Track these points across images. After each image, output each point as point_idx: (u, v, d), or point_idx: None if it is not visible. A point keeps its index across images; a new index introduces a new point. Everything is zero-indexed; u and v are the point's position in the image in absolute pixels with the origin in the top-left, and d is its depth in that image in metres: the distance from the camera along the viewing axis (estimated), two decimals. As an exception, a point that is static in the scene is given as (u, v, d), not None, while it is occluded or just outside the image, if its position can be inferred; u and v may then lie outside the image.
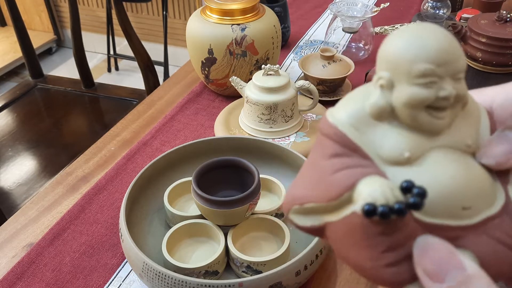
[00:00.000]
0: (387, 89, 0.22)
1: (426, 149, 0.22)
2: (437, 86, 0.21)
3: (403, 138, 0.22)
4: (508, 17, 0.81)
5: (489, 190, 0.22)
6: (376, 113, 0.22)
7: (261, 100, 0.73)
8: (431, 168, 0.22)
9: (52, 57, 2.85)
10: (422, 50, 0.21)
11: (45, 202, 0.69)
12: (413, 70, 0.21)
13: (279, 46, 0.88)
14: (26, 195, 1.12)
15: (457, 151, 0.22)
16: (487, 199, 0.22)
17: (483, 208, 0.22)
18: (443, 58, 0.21)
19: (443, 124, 0.22)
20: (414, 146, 0.22)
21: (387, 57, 0.22)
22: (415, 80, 0.21)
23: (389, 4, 1.05)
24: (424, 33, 0.21)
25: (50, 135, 1.33)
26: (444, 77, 0.21)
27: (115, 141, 0.81)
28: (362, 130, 0.22)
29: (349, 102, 0.23)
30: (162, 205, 0.61)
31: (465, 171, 0.22)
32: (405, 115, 0.22)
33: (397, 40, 0.22)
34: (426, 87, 0.21)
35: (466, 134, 0.23)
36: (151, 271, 0.48)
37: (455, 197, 0.21)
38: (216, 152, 0.65)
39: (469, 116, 0.23)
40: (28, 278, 0.57)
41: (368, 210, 0.20)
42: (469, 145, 0.23)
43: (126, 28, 1.33)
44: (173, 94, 0.94)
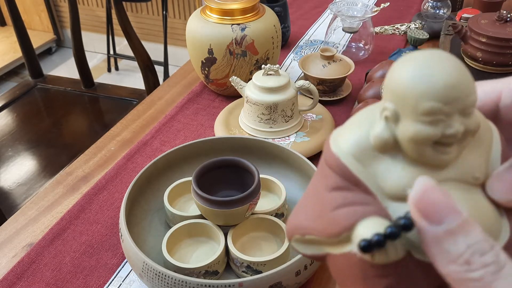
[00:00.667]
0: (392, 121, 0.21)
1: None
2: (444, 123, 0.20)
3: (406, 173, 0.21)
4: (508, 17, 0.81)
5: (493, 227, 0.22)
6: (380, 145, 0.21)
7: (261, 100, 0.73)
8: None
9: (52, 57, 2.85)
10: (429, 87, 0.20)
11: (45, 202, 0.69)
12: (420, 107, 0.20)
13: (279, 46, 0.88)
14: (26, 195, 1.12)
15: (464, 184, 0.22)
16: (491, 235, 0.21)
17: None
18: (451, 95, 0.20)
19: (449, 158, 0.21)
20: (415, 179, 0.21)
21: (393, 88, 0.21)
22: (421, 117, 0.20)
23: (389, 4, 1.05)
24: (433, 66, 0.20)
25: (50, 135, 1.33)
26: (452, 114, 0.20)
27: (115, 141, 0.81)
28: (365, 163, 0.22)
29: (353, 129, 0.22)
30: (162, 205, 0.61)
31: (469, 208, 0.21)
32: (410, 150, 0.21)
33: (404, 72, 0.20)
34: (432, 125, 0.20)
35: (475, 165, 0.22)
36: (151, 271, 0.48)
37: None
38: (216, 152, 0.65)
39: (479, 144, 0.22)
40: (28, 278, 0.57)
41: (364, 246, 0.19)
42: (477, 177, 0.22)
43: (126, 28, 1.33)
44: (173, 94, 0.94)
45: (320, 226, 0.22)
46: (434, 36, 1.07)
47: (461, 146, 0.21)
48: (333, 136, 0.23)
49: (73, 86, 1.52)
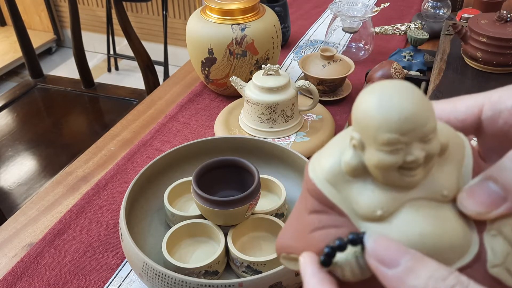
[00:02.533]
0: (359, 149, 0.23)
1: (400, 204, 0.23)
2: (404, 151, 0.21)
3: (376, 196, 0.22)
4: (509, 17, 0.81)
5: (461, 242, 0.23)
6: (350, 171, 0.23)
7: (261, 100, 0.73)
8: (400, 225, 0.22)
9: (52, 57, 2.85)
10: (386, 120, 0.21)
11: (45, 202, 0.69)
12: (379, 138, 0.21)
13: (279, 46, 0.88)
14: (26, 195, 1.12)
15: (433, 202, 0.23)
16: (458, 251, 0.23)
17: (454, 260, 0.22)
18: (406, 127, 0.21)
19: (415, 181, 0.22)
20: (386, 203, 0.22)
21: (357, 118, 0.22)
22: (381, 147, 0.21)
23: (389, 4, 1.05)
24: (391, 99, 0.21)
25: (50, 135, 1.33)
26: (410, 142, 0.21)
27: (115, 141, 0.81)
28: (339, 187, 0.23)
29: (327, 156, 0.24)
30: (162, 205, 0.61)
31: (436, 226, 0.22)
32: (377, 175, 0.22)
33: (365, 104, 0.22)
34: (393, 154, 0.21)
35: (443, 183, 0.23)
36: (151, 271, 0.48)
37: (425, 252, 0.22)
38: (216, 152, 0.65)
39: (450, 161, 0.24)
40: (28, 278, 0.57)
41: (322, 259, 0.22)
42: (445, 195, 0.23)
43: (126, 28, 1.33)
44: (173, 94, 0.94)
45: (300, 247, 0.24)
46: (434, 36, 1.07)
47: (427, 167, 0.22)
48: (311, 162, 0.25)
49: (73, 86, 1.52)
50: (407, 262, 0.20)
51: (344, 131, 0.25)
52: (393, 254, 0.20)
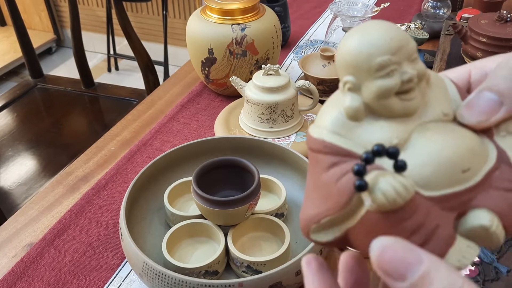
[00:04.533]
0: (355, 90, 0.23)
1: (410, 130, 0.23)
2: (398, 72, 0.22)
3: (386, 129, 0.23)
4: (509, 17, 0.80)
5: (480, 148, 0.23)
6: (353, 115, 0.23)
7: (261, 100, 0.73)
8: (420, 147, 0.22)
9: (52, 57, 2.85)
10: (374, 46, 0.22)
11: (45, 202, 0.69)
12: (372, 66, 0.22)
13: (279, 46, 0.88)
14: (26, 195, 1.12)
15: (438, 122, 0.24)
16: (481, 156, 0.23)
17: (481, 165, 0.23)
18: (394, 46, 0.22)
19: (415, 104, 0.23)
20: (398, 132, 0.23)
21: (345, 62, 0.23)
22: (377, 73, 0.22)
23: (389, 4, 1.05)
24: (370, 31, 0.23)
25: (50, 135, 1.33)
26: (401, 62, 0.22)
27: (115, 141, 0.81)
28: (347, 135, 0.23)
29: (326, 114, 0.24)
30: (162, 205, 0.61)
31: (452, 138, 0.23)
32: (379, 108, 0.23)
33: (349, 44, 0.23)
34: (389, 77, 0.22)
35: (440, 104, 0.24)
36: (151, 271, 0.48)
37: (451, 164, 0.22)
38: (216, 152, 0.65)
39: (436, 88, 0.25)
40: (28, 278, 0.57)
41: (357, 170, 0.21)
42: (446, 113, 0.24)
43: (126, 27, 1.33)
44: (173, 94, 0.94)
45: (331, 205, 0.23)
46: (434, 36, 1.07)
47: (421, 90, 0.23)
48: (311, 127, 0.25)
49: (73, 86, 1.52)
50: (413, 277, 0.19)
51: (333, 95, 0.25)
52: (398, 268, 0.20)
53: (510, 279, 0.52)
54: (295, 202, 0.63)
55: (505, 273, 0.53)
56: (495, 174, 0.23)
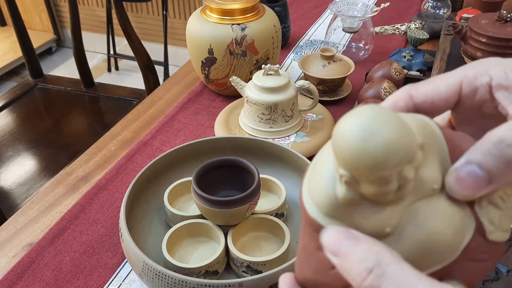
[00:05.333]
0: (351, 185, 0.22)
1: (400, 215, 0.23)
2: (398, 176, 0.22)
3: (379, 216, 0.23)
4: (509, 17, 0.81)
5: (461, 224, 0.24)
6: (349, 203, 0.23)
7: (261, 100, 0.73)
8: (408, 234, 0.23)
9: (52, 57, 2.85)
10: (376, 159, 0.20)
11: (45, 202, 0.69)
12: (372, 177, 0.21)
13: (279, 46, 0.88)
14: (26, 195, 1.12)
15: (426, 200, 0.24)
16: (463, 233, 0.24)
17: (461, 241, 0.24)
18: (395, 160, 0.21)
19: (407, 191, 0.23)
20: (390, 219, 0.23)
21: (344, 157, 0.21)
22: (375, 182, 0.22)
23: (389, 4, 1.05)
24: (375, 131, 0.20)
25: (50, 135, 1.33)
26: (402, 168, 0.22)
27: (115, 141, 0.81)
28: (341, 218, 0.23)
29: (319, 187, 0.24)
30: (162, 205, 0.61)
31: (438, 222, 0.23)
32: (375, 199, 0.23)
33: (350, 140, 0.21)
34: (389, 182, 0.22)
35: (430, 178, 0.24)
36: (151, 271, 0.48)
37: (437, 250, 0.23)
38: (216, 152, 0.65)
39: (428, 155, 0.24)
40: (28, 278, 0.57)
41: None
42: (436, 188, 0.24)
43: (126, 28, 1.33)
44: (173, 94, 0.94)
45: (328, 282, 0.25)
46: (434, 36, 1.07)
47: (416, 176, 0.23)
48: (304, 196, 0.25)
49: (73, 86, 1.52)
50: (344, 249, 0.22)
51: (325, 150, 0.25)
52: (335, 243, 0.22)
53: (510, 279, 0.52)
54: (295, 202, 0.63)
55: (505, 273, 0.53)
56: (470, 246, 0.24)
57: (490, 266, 0.25)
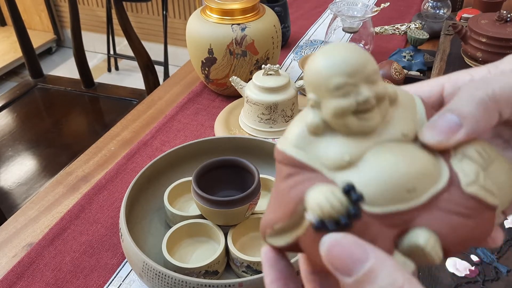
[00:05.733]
0: (316, 107, 0.25)
1: (365, 149, 0.24)
2: (354, 93, 0.23)
3: (341, 146, 0.24)
4: (509, 17, 0.81)
5: (431, 169, 0.24)
6: (313, 130, 0.24)
7: (261, 100, 0.73)
8: (370, 164, 0.23)
9: (52, 57, 2.85)
10: (333, 68, 0.23)
11: (45, 202, 0.69)
12: (330, 86, 0.23)
13: (279, 46, 0.88)
14: (26, 195, 1.12)
15: (395, 142, 0.24)
16: (431, 177, 0.24)
17: (429, 186, 0.23)
18: (351, 69, 0.23)
19: (373, 123, 0.24)
20: (352, 149, 0.24)
21: (309, 80, 0.25)
22: (333, 94, 0.23)
23: (389, 4, 1.05)
24: (333, 53, 0.24)
25: (50, 135, 1.33)
26: (358, 84, 0.23)
27: (115, 141, 0.81)
28: (307, 149, 0.25)
29: (292, 127, 0.26)
30: (162, 205, 0.61)
31: (403, 158, 0.23)
32: (337, 125, 0.24)
33: (313, 65, 0.24)
34: (344, 97, 0.23)
35: (401, 125, 0.25)
36: (151, 271, 0.48)
37: (396, 183, 0.23)
38: (216, 152, 0.65)
39: (402, 109, 0.25)
40: (28, 278, 0.57)
41: (317, 227, 0.22)
42: (405, 134, 0.25)
43: (126, 28, 1.33)
44: (173, 94, 0.94)
45: (281, 212, 0.24)
46: (434, 36, 1.07)
47: (381, 111, 0.24)
48: (279, 140, 0.26)
49: (73, 86, 1.52)
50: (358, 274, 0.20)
51: (302, 111, 0.27)
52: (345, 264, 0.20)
53: (510, 279, 0.52)
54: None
55: (505, 273, 0.53)
56: (443, 196, 0.23)
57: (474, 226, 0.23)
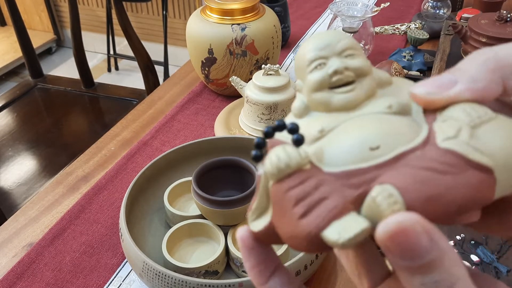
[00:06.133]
0: (300, 91, 0.25)
1: (342, 121, 0.23)
2: (325, 66, 0.24)
3: (318, 120, 0.24)
4: (509, 17, 0.81)
5: (405, 130, 0.22)
6: (297, 113, 0.25)
7: (261, 100, 0.73)
8: (337, 131, 0.23)
9: (52, 57, 2.85)
10: (307, 46, 0.25)
11: (45, 202, 0.69)
12: (305, 62, 0.24)
13: (279, 46, 0.88)
14: (26, 195, 1.12)
15: (375, 114, 0.23)
16: (402, 137, 0.21)
17: (397, 144, 0.21)
18: (322, 43, 0.24)
19: (353, 96, 0.23)
20: (328, 122, 0.23)
21: (295, 67, 0.26)
22: (308, 68, 0.24)
23: (389, 4, 1.05)
24: (313, 38, 0.25)
25: (50, 135, 1.33)
26: (329, 57, 0.24)
27: (115, 141, 0.81)
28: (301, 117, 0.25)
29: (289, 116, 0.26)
30: (162, 205, 0.61)
31: (372, 121, 0.22)
32: (315, 103, 0.24)
33: (298, 53, 0.26)
34: (317, 70, 0.24)
35: (388, 100, 0.23)
36: (151, 271, 0.48)
37: (359, 142, 0.21)
38: (216, 152, 0.65)
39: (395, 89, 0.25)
40: (28, 278, 0.57)
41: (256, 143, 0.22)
42: (390, 105, 0.23)
43: (126, 28, 1.33)
44: (173, 94, 0.94)
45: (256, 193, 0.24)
46: (434, 36, 1.07)
47: (363, 86, 0.24)
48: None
49: (73, 86, 1.52)
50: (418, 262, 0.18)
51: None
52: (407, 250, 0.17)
53: (510, 279, 0.52)
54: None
55: (505, 273, 0.53)
56: (416, 154, 0.20)
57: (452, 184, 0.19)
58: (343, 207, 0.20)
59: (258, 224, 0.23)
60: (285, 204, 0.21)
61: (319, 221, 0.19)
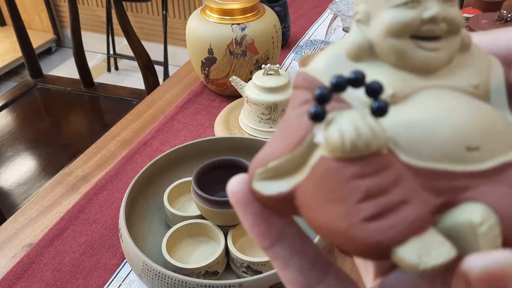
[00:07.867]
0: (364, 23, 0.18)
1: (417, 88, 0.18)
2: (421, 6, 0.17)
3: (387, 76, 0.17)
4: (509, 17, 0.80)
5: (501, 127, 0.17)
6: (354, 52, 0.18)
7: (261, 100, 0.73)
8: (422, 103, 0.17)
9: (52, 57, 2.85)
10: None
11: (45, 202, 0.68)
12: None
13: (279, 46, 0.88)
14: (26, 195, 1.12)
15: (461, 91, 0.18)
16: (505, 141, 0.17)
17: (500, 150, 0.16)
18: None
19: (437, 57, 0.18)
20: (400, 83, 0.17)
21: None
22: (394, 1, 0.17)
23: (389, 4, 1.05)
24: None
25: (50, 135, 1.33)
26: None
27: (115, 141, 0.81)
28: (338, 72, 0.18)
29: (324, 52, 0.19)
30: (162, 205, 0.61)
31: (469, 107, 0.17)
32: (387, 50, 0.18)
33: None
34: (407, 8, 0.17)
35: (471, 75, 0.18)
36: (151, 271, 0.48)
37: (454, 134, 0.16)
38: (216, 152, 0.64)
39: (475, 61, 0.19)
40: (28, 278, 0.57)
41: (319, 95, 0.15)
42: (476, 85, 0.18)
43: (126, 27, 1.33)
44: (173, 94, 0.94)
45: (283, 144, 0.17)
46: (434, 36, 1.07)
47: (449, 47, 0.18)
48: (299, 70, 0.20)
49: (73, 86, 1.52)
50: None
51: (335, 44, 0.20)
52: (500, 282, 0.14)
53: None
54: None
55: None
56: None
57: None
58: (425, 220, 0.15)
59: (270, 186, 0.17)
60: (346, 193, 0.15)
61: (395, 234, 0.15)
